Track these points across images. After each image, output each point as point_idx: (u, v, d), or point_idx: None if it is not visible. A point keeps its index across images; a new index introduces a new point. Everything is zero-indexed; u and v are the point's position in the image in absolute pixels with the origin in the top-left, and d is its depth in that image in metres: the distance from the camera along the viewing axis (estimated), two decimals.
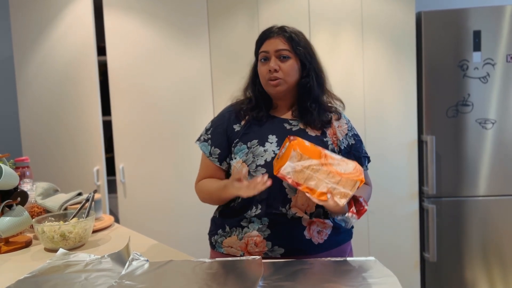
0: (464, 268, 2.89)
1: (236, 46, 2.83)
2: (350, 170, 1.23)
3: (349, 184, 1.22)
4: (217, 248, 1.48)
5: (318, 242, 1.41)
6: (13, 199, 1.54)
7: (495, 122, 2.80)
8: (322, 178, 1.21)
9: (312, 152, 1.23)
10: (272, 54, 1.43)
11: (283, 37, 1.44)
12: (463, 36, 2.77)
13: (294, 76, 1.45)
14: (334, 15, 2.81)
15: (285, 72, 1.43)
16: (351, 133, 1.52)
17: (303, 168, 1.20)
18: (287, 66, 1.43)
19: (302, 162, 1.21)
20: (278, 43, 1.43)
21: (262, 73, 1.46)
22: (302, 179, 1.21)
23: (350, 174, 1.22)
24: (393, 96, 2.83)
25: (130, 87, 2.85)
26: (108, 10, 2.81)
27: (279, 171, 1.22)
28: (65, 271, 1.24)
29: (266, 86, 1.46)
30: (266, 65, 1.44)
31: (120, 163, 2.89)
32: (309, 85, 1.46)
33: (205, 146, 1.51)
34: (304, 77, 1.46)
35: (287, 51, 1.43)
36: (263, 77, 1.46)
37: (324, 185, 1.21)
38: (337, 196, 1.21)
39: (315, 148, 1.26)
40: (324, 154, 1.24)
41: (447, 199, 2.86)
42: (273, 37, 1.45)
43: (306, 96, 1.46)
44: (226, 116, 1.52)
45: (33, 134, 2.95)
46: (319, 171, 1.21)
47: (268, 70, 1.43)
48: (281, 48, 1.43)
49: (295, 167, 1.20)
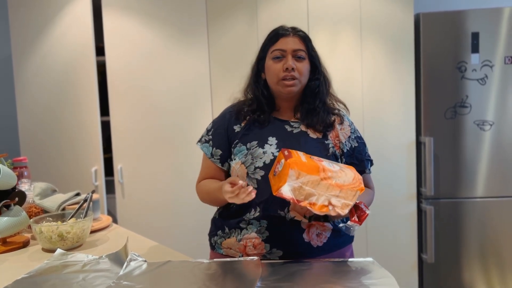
0: (462, 269, 2.89)
1: (235, 46, 2.83)
2: (350, 180, 1.23)
3: (349, 194, 1.21)
4: (217, 249, 1.48)
5: (317, 245, 1.39)
6: (11, 199, 1.53)
7: (493, 123, 2.80)
8: (322, 193, 1.20)
9: (309, 168, 1.21)
10: (289, 52, 1.41)
11: (299, 37, 1.43)
12: (461, 38, 2.78)
13: (306, 78, 1.45)
14: (333, 16, 2.81)
15: (301, 72, 1.42)
16: (354, 136, 1.50)
17: (302, 185, 1.19)
18: (302, 67, 1.42)
19: (301, 180, 1.19)
20: (296, 42, 1.42)
21: (275, 71, 1.42)
22: (302, 196, 1.19)
23: (349, 185, 1.22)
24: (392, 98, 2.84)
25: (128, 87, 2.85)
26: (107, 11, 2.80)
27: (278, 192, 1.20)
28: (63, 271, 1.24)
29: (278, 85, 1.43)
30: (280, 63, 1.42)
31: (118, 164, 2.88)
32: (318, 88, 1.46)
33: (206, 147, 1.50)
34: (314, 80, 1.46)
35: (303, 51, 1.43)
36: (276, 75, 1.42)
37: (324, 198, 1.20)
38: (338, 207, 1.20)
39: (312, 162, 1.24)
40: (322, 168, 1.23)
41: (445, 200, 2.86)
42: (289, 35, 1.43)
43: (313, 98, 1.46)
44: (226, 117, 1.51)
45: (31, 134, 2.94)
46: (318, 186, 1.20)
47: (285, 68, 1.40)
48: (299, 48, 1.42)
49: (293, 185, 1.19)
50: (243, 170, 1.40)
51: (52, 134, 2.91)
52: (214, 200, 1.46)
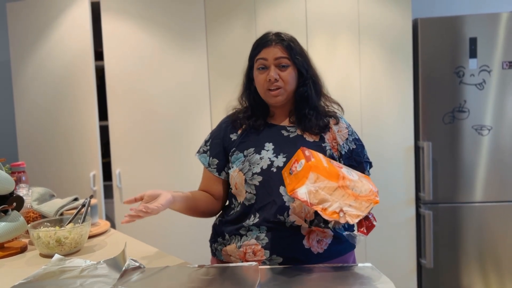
0: (461, 274, 2.89)
1: (234, 50, 2.84)
2: (366, 192, 1.22)
3: (363, 205, 1.20)
4: (218, 256, 1.48)
5: (318, 251, 1.38)
6: (8, 204, 1.53)
7: (491, 128, 2.81)
8: (336, 200, 1.19)
9: (330, 174, 1.20)
10: (271, 62, 1.41)
11: (281, 45, 1.42)
12: (459, 43, 2.79)
13: (293, 85, 1.44)
14: (331, 20, 2.82)
15: (285, 81, 1.42)
16: (351, 138, 1.50)
17: (318, 189, 1.18)
18: (286, 75, 1.42)
19: (319, 184, 1.18)
20: (277, 51, 1.42)
21: (260, 82, 1.43)
22: (316, 200, 1.18)
23: (365, 196, 1.21)
24: (390, 102, 2.84)
25: (127, 92, 2.85)
26: (106, 15, 2.81)
27: (294, 192, 1.19)
28: (60, 277, 1.23)
29: (265, 95, 1.44)
30: (264, 74, 1.42)
31: (117, 168, 2.88)
32: (307, 94, 1.45)
33: (204, 158, 1.51)
34: (302, 86, 1.45)
35: (286, 59, 1.42)
36: (262, 86, 1.44)
37: (337, 205, 1.18)
38: (349, 216, 1.19)
39: (333, 168, 1.23)
40: (342, 176, 1.21)
41: (444, 205, 2.86)
42: (271, 45, 1.42)
43: (304, 104, 1.46)
44: (223, 126, 1.53)
45: (30, 139, 2.94)
46: (334, 193, 1.19)
47: (268, 80, 1.41)
48: (281, 56, 1.41)
49: (310, 189, 1.17)
50: (241, 177, 1.40)
51: (51, 139, 2.90)
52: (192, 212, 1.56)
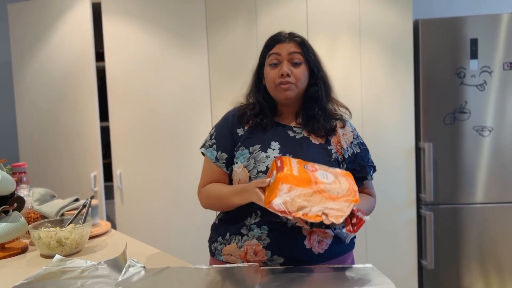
0: (462, 275, 2.89)
1: (235, 51, 2.84)
2: (344, 192, 1.20)
3: (343, 206, 1.18)
4: (217, 256, 1.47)
5: (319, 252, 1.38)
6: (9, 205, 1.53)
7: (492, 129, 2.81)
8: (315, 204, 1.17)
9: (302, 180, 1.19)
10: (285, 57, 1.41)
11: (295, 42, 1.43)
12: (460, 44, 2.79)
13: (304, 83, 1.44)
14: (332, 21, 2.82)
15: (297, 78, 1.41)
16: (356, 142, 1.49)
17: (294, 198, 1.16)
18: (299, 72, 1.41)
19: (293, 193, 1.17)
20: (291, 46, 1.41)
21: (272, 77, 1.42)
22: (294, 208, 1.17)
23: (343, 196, 1.19)
24: (391, 103, 2.84)
25: (128, 92, 2.85)
26: (107, 16, 2.81)
27: (270, 205, 1.18)
28: (61, 277, 1.23)
29: (275, 90, 1.43)
30: (276, 69, 1.41)
31: (118, 169, 2.88)
32: (317, 94, 1.44)
33: (211, 152, 1.47)
34: (312, 86, 1.45)
35: (300, 55, 1.42)
36: (272, 82, 1.42)
37: (317, 208, 1.17)
38: (333, 217, 1.18)
39: (304, 174, 1.21)
40: (315, 180, 1.20)
41: (445, 206, 2.86)
42: (284, 41, 1.43)
43: (313, 104, 1.45)
44: (230, 119, 1.50)
45: (31, 140, 2.94)
46: (311, 198, 1.17)
47: (280, 75, 1.40)
48: (295, 51, 1.41)
49: (285, 199, 1.16)
50: (245, 174, 1.40)
51: (51, 140, 2.91)
52: (224, 204, 1.42)
